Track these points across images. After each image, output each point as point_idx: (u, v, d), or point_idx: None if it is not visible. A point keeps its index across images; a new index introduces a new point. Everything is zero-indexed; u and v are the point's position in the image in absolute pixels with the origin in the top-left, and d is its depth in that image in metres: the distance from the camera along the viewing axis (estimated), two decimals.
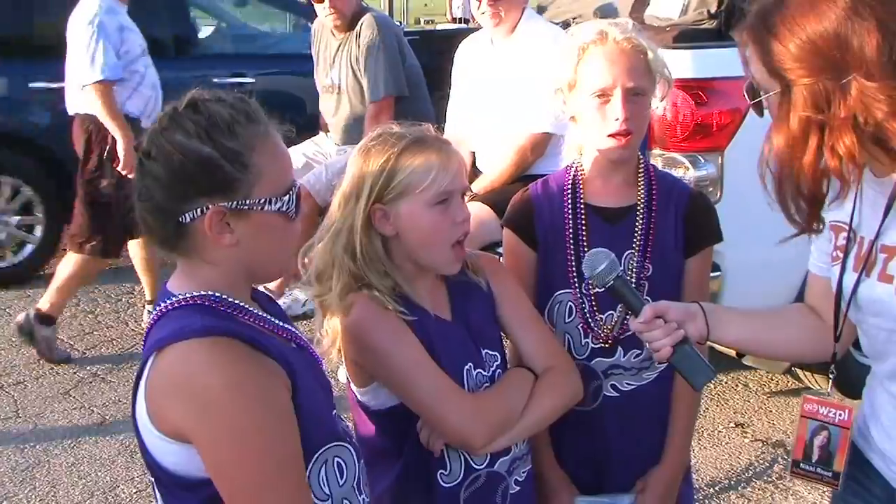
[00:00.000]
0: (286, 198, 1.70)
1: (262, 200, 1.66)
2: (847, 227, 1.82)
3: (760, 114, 1.76)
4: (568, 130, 2.40)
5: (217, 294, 1.68)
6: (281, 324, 1.79)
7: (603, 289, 2.04)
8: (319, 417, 1.73)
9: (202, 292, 1.68)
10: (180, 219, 1.65)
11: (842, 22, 1.61)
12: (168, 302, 1.68)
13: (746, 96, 1.79)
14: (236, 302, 1.71)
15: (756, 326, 2.07)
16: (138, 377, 1.66)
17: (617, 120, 2.17)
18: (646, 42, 2.21)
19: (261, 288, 1.94)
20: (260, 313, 1.75)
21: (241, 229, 1.66)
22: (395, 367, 2.02)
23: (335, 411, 1.83)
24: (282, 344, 1.74)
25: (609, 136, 2.20)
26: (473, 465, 2.10)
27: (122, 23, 5.42)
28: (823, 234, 1.90)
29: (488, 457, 2.11)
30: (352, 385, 2.15)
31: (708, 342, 2.03)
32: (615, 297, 2.08)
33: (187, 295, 1.67)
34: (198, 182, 1.63)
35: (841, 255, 1.83)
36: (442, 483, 2.08)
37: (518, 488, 2.19)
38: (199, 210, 1.64)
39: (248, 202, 1.65)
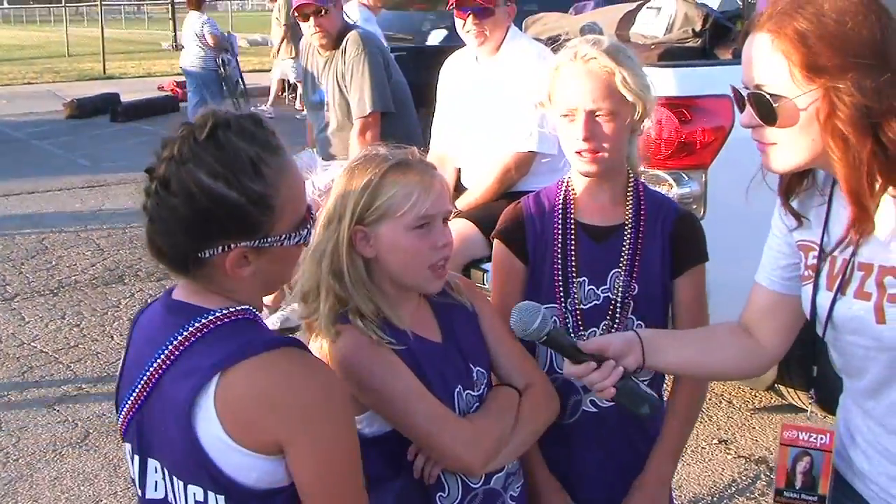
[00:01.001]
0: (304, 231, 1.71)
1: (283, 237, 1.67)
2: (817, 247, 1.82)
3: (773, 122, 1.69)
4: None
5: (251, 308, 1.70)
6: None
7: (539, 342, 1.99)
8: None
9: (240, 307, 1.68)
10: (199, 255, 1.63)
11: (881, 20, 1.62)
12: (211, 318, 1.65)
13: (757, 104, 1.70)
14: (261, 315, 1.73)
15: (689, 352, 2.08)
16: (192, 397, 1.59)
17: (577, 139, 2.20)
18: (614, 62, 2.18)
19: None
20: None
21: (259, 261, 1.66)
22: (390, 399, 2.01)
23: None
24: None
25: (576, 152, 2.23)
26: (470, 484, 2.11)
27: (375, 31, 6.15)
28: (781, 249, 1.93)
29: (484, 475, 2.12)
30: None
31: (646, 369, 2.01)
32: (553, 349, 2.09)
33: (225, 311, 1.66)
34: (222, 226, 1.61)
35: (812, 273, 1.83)
36: None
37: None
38: (220, 248, 1.63)
39: (269, 240, 1.65)
